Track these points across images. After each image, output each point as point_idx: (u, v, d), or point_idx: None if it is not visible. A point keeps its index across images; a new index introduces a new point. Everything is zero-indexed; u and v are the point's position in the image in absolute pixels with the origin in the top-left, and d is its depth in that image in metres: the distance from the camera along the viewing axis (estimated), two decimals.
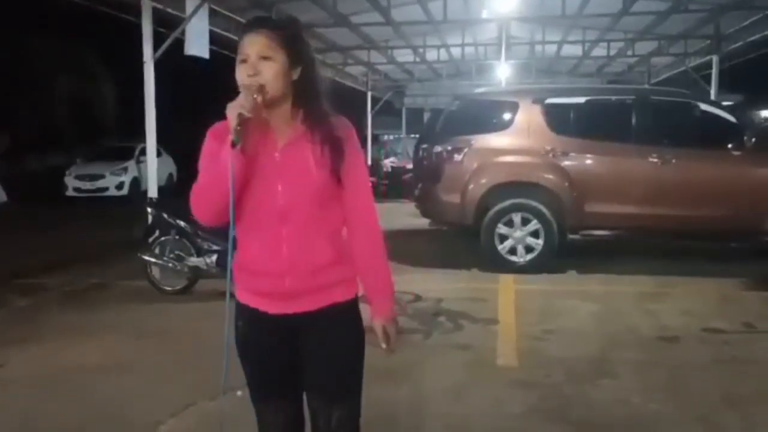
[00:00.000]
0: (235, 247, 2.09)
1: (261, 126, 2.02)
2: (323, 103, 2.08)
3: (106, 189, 17.78)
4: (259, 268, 2.06)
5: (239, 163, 1.94)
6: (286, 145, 2.04)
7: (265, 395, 2.19)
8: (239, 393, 2.19)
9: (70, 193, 17.73)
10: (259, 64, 1.97)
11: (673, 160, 7.52)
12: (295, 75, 2.02)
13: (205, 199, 2.03)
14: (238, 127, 1.90)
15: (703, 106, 8.12)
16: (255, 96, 1.93)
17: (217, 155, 1.96)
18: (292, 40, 2.02)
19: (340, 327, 2.11)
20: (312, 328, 2.09)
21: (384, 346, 2.16)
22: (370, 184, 2.18)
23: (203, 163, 2.05)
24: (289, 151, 2.03)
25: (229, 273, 2.11)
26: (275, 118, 2.05)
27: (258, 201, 2.03)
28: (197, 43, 8.01)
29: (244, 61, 1.98)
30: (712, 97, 13.84)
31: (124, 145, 19.21)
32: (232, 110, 1.91)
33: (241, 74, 1.98)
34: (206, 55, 8.25)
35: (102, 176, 17.86)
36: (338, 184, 2.05)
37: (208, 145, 2.05)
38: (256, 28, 2.00)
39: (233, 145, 1.91)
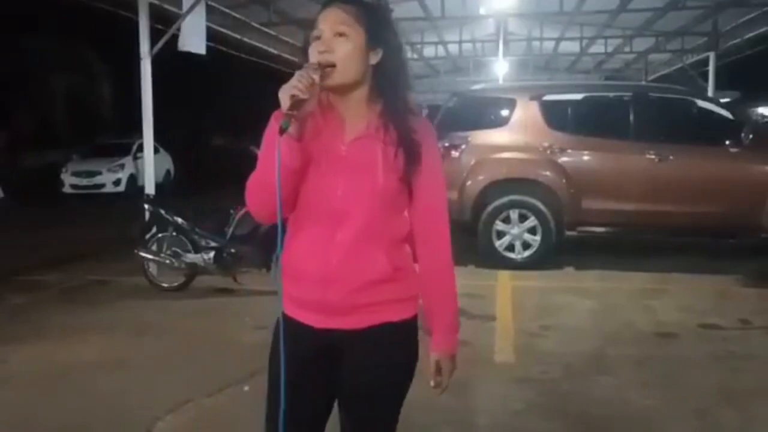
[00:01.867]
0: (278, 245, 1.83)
1: (326, 112, 1.81)
2: (406, 98, 1.85)
3: (103, 186, 17.73)
4: (302, 274, 1.81)
5: (291, 151, 1.70)
6: (355, 139, 1.79)
7: (283, 417, 1.82)
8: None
9: (67, 190, 17.67)
10: (333, 41, 1.75)
11: (671, 157, 7.53)
12: (374, 59, 1.80)
13: (257, 193, 1.80)
14: (290, 111, 1.66)
15: (701, 103, 8.14)
16: (313, 75, 1.69)
17: (275, 142, 1.70)
18: (373, 19, 1.80)
19: (391, 350, 1.85)
20: (358, 348, 1.84)
21: (432, 383, 1.91)
22: (447, 202, 1.92)
23: (263, 151, 1.78)
24: (358, 146, 1.79)
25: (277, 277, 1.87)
26: (347, 106, 1.82)
27: (313, 198, 1.79)
28: (193, 39, 7.98)
29: (318, 37, 1.77)
30: (710, 93, 13.85)
31: (121, 141, 19.15)
32: (285, 91, 1.67)
33: (313, 52, 1.77)
34: (203, 51, 8.23)
35: (99, 173, 17.81)
36: (407, 193, 1.83)
37: (270, 130, 1.76)
38: (333, 2, 1.79)
39: (282, 130, 1.66)
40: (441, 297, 1.90)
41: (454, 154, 7.76)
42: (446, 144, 7.83)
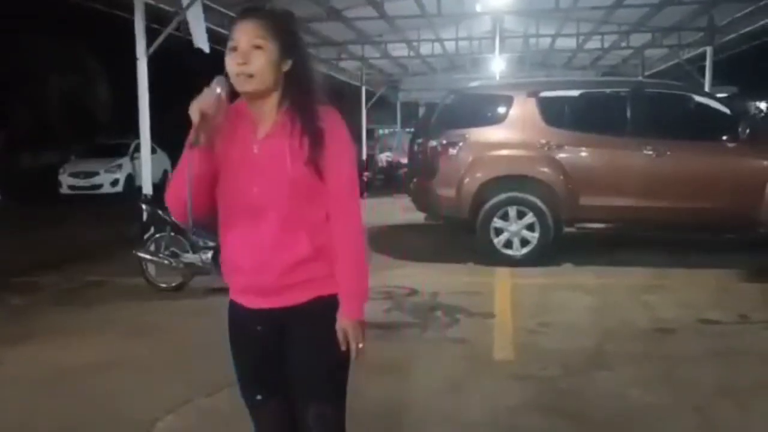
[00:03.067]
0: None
1: (241, 117, 2.00)
2: (313, 97, 2.01)
3: (101, 186, 17.70)
4: (238, 265, 2.03)
5: (201, 162, 1.93)
6: (265, 137, 1.98)
7: (254, 394, 2.15)
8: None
9: (64, 191, 17.62)
10: (250, 53, 1.93)
11: (668, 152, 7.52)
12: (286, 67, 1.98)
13: (173, 196, 2.02)
14: (198, 126, 1.88)
15: (698, 98, 8.13)
16: (218, 90, 1.91)
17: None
18: (284, 31, 1.98)
19: (325, 321, 2.03)
20: (297, 323, 2.04)
21: (343, 348, 2.04)
22: (356, 180, 2.08)
23: (184, 155, 2.02)
24: (268, 143, 1.98)
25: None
26: (261, 109, 2.00)
27: (235, 196, 1.99)
28: (200, 37, 8.03)
29: (234, 48, 1.95)
30: (706, 88, 13.85)
31: (119, 141, 19.12)
32: (194, 108, 1.88)
33: (231, 62, 1.94)
34: (207, 49, 8.25)
35: (96, 173, 17.77)
36: (319, 178, 1.98)
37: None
38: (248, 16, 1.98)
39: (192, 145, 1.89)
40: (346, 265, 2.03)
41: (452, 151, 7.76)
42: (444, 141, 7.85)
